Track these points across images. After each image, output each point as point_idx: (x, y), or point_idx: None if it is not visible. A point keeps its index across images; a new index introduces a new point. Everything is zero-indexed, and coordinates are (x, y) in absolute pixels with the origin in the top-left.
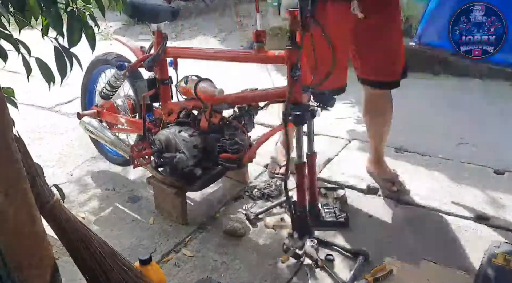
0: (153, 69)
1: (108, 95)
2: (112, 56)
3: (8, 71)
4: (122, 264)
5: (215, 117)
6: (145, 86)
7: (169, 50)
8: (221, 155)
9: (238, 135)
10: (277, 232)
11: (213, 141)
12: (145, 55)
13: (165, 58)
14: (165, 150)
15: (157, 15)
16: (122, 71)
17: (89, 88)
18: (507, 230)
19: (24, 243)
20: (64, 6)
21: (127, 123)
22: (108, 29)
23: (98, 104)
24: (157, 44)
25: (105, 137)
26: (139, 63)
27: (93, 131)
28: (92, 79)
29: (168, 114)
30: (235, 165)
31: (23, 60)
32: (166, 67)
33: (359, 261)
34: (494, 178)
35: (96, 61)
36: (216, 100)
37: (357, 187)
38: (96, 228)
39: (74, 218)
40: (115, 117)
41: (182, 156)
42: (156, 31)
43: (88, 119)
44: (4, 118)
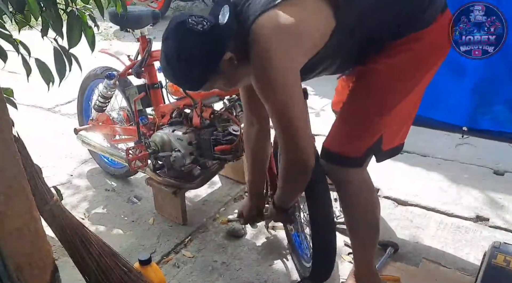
0: (141, 75)
1: (102, 107)
2: (101, 70)
3: (8, 71)
4: (122, 264)
5: (206, 111)
6: (136, 92)
7: (154, 53)
8: (216, 148)
9: (231, 126)
10: (276, 232)
11: (207, 135)
12: (132, 62)
13: (152, 62)
14: (161, 151)
15: (139, 21)
16: (111, 80)
17: (85, 106)
18: (507, 230)
19: (24, 243)
20: (64, 7)
21: (122, 132)
22: (108, 30)
23: (93, 118)
24: (143, 50)
25: (102, 147)
26: (127, 71)
27: (91, 143)
28: (86, 97)
29: (161, 117)
30: (231, 156)
31: (23, 61)
32: (154, 71)
33: (389, 251)
34: (494, 178)
35: (87, 78)
36: (204, 94)
37: None
38: (96, 228)
39: (74, 218)
40: (110, 128)
41: (178, 154)
42: (141, 37)
43: (84, 133)
44: (4, 118)
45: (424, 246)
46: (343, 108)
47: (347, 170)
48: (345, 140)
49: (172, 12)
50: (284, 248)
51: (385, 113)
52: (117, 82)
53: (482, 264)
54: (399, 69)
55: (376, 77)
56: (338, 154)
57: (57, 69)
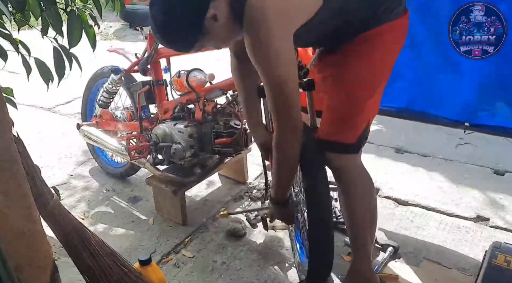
0: (147, 72)
1: (106, 103)
2: (107, 69)
3: (8, 71)
4: (122, 264)
5: (209, 105)
6: (140, 88)
7: (161, 50)
8: (216, 141)
9: (232, 120)
10: (276, 232)
11: (208, 129)
12: (139, 59)
13: (158, 60)
14: (162, 143)
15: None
16: (117, 75)
17: (89, 106)
18: (507, 230)
19: (24, 243)
20: (64, 6)
21: (125, 127)
22: (108, 29)
23: (96, 114)
24: (150, 47)
25: (103, 141)
26: (133, 67)
27: (92, 137)
28: (91, 96)
29: (164, 113)
30: (231, 149)
31: (23, 60)
32: (160, 68)
33: (389, 251)
34: (494, 178)
35: (94, 78)
36: (208, 89)
37: None
38: (95, 228)
39: (74, 218)
40: (113, 124)
41: (179, 146)
42: (149, 34)
43: (87, 127)
44: (4, 118)
45: (424, 246)
46: (329, 98)
47: (346, 157)
48: (341, 128)
49: None
50: (284, 248)
51: (372, 95)
52: (123, 78)
53: (482, 264)
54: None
55: (360, 59)
56: (336, 142)
57: (56, 68)
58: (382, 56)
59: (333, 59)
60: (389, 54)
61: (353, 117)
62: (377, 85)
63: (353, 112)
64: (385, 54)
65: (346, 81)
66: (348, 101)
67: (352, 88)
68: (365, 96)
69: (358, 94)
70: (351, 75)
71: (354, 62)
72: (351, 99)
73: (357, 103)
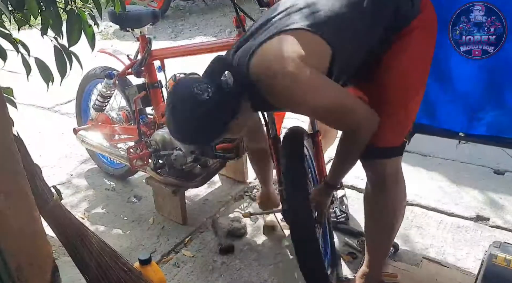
0: (141, 74)
1: (101, 107)
2: (100, 70)
3: (7, 71)
4: (122, 264)
5: None
6: (136, 91)
7: (154, 52)
8: (217, 146)
9: None
10: (277, 232)
11: None
12: (132, 62)
13: (152, 62)
14: (162, 149)
15: (139, 20)
16: (111, 80)
17: (83, 107)
18: (507, 230)
19: (24, 243)
20: (63, 5)
21: (122, 131)
22: (108, 29)
23: (92, 118)
24: (142, 49)
25: (102, 147)
26: (127, 70)
27: (90, 142)
28: (85, 97)
29: (161, 116)
30: (232, 154)
31: (23, 60)
32: (154, 70)
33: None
34: (494, 178)
35: (86, 79)
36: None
37: (357, 187)
38: (96, 228)
39: (74, 218)
40: (110, 127)
41: (179, 153)
42: (140, 36)
43: (84, 132)
44: (4, 118)
45: (424, 246)
46: (371, 105)
47: (390, 161)
48: (387, 131)
49: (172, 12)
50: (284, 248)
51: (419, 93)
52: (117, 81)
53: (482, 264)
54: (415, 50)
55: (399, 65)
56: (380, 148)
57: (58, 67)
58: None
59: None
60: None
61: (400, 119)
62: (421, 82)
63: (400, 114)
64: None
65: (392, 88)
66: (394, 102)
67: (395, 90)
68: (410, 96)
69: (402, 95)
70: (396, 79)
71: (388, 72)
72: (398, 100)
73: (403, 104)
